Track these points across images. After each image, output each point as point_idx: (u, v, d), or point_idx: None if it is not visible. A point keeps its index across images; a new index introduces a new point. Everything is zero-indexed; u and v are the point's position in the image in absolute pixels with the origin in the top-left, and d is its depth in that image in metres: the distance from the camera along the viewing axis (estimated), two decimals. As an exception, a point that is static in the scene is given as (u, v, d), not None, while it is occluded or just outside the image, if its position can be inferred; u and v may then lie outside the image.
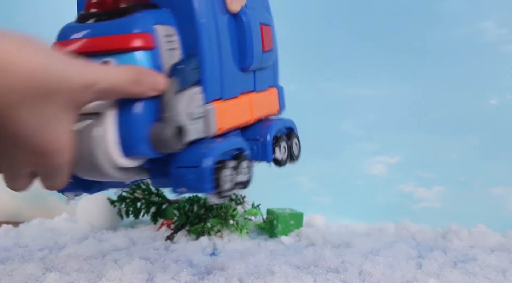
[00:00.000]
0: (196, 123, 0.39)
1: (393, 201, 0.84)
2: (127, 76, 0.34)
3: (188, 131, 0.37)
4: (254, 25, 0.45)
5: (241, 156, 0.42)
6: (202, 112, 0.39)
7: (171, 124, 0.36)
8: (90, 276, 0.46)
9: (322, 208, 0.59)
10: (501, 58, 0.84)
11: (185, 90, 0.38)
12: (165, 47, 0.38)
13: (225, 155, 0.40)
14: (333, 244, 0.62)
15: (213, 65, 0.40)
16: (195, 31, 0.39)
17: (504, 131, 0.84)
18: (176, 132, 0.36)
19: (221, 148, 0.39)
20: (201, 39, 0.39)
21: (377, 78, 0.85)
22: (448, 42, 0.85)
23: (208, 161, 0.38)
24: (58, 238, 0.62)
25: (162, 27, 0.38)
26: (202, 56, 0.39)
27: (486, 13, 0.84)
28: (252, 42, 0.44)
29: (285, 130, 0.49)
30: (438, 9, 0.85)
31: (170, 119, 0.36)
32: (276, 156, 0.46)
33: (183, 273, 0.46)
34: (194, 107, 0.39)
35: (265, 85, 0.48)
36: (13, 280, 0.45)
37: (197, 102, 0.39)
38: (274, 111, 0.50)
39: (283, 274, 0.46)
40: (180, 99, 0.37)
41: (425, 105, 0.84)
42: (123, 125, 0.35)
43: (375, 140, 0.86)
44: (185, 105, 0.38)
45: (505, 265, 0.52)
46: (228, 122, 0.42)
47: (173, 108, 0.36)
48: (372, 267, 0.49)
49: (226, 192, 0.39)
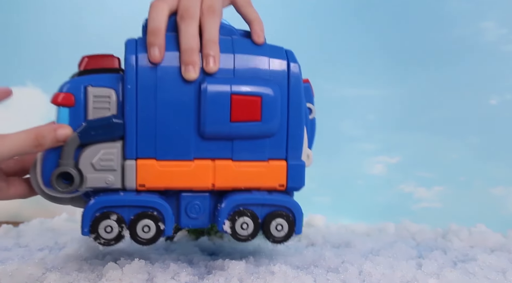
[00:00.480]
0: (102, 173, 0.45)
1: (393, 201, 0.84)
2: (26, 141, 0.42)
3: (86, 179, 0.45)
4: (217, 94, 0.45)
5: (145, 215, 0.45)
6: (111, 165, 0.45)
7: (59, 169, 0.44)
8: (90, 276, 0.46)
9: (322, 208, 0.59)
10: (501, 58, 0.84)
11: (92, 144, 0.45)
12: (92, 105, 0.45)
13: (130, 208, 0.45)
14: (333, 244, 0.62)
15: (136, 128, 0.45)
16: (123, 95, 0.45)
17: (504, 131, 0.84)
18: (63, 177, 0.44)
19: (115, 200, 0.45)
20: (125, 102, 0.45)
21: (377, 78, 0.85)
22: (448, 42, 0.85)
23: (89, 208, 0.45)
24: (58, 238, 0.62)
25: (95, 88, 0.45)
26: (125, 118, 0.45)
27: (486, 13, 0.84)
28: (206, 110, 0.45)
29: (270, 208, 0.48)
30: (438, 9, 0.85)
31: (61, 164, 0.44)
32: (225, 228, 0.47)
33: (183, 273, 0.46)
34: (97, 159, 0.45)
35: (257, 155, 0.47)
36: (13, 280, 0.45)
37: (105, 156, 0.45)
38: (272, 185, 0.48)
39: (283, 274, 0.46)
40: (84, 151, 0.45)
41: (425, 105, 0.84)
42: (40, 165, 0.45)
43: (375, 140, 0.86)
44: (88, 156, 0.45)
45: (505, 265, 0.52)
46: (160, 181, 0.46)
47: (67, 156, 0.44)
48: (372, 267, 0.49)
49: (107, 240, 0.45)
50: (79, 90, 0.45)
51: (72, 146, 0.44)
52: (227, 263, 0.48)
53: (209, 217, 0.48)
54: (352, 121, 0.86)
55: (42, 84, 0.86)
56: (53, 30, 0.87)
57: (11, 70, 0.86)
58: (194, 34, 0.45)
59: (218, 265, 0.49)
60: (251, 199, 0.47)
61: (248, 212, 0.47)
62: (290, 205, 0.48)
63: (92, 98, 0.45)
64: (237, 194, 0.47)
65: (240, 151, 0.47)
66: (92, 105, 0.45)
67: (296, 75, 0.48)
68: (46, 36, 0.87)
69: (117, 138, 0.45)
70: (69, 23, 0.87)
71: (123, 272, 0.45)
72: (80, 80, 0.45)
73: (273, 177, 0.48)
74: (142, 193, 0.46)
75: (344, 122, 0.86)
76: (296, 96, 0.48)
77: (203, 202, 0.48)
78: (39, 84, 0.86)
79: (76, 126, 0.45)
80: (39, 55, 0.87)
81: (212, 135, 0.46)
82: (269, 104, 0.46)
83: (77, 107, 0.45)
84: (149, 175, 0.45)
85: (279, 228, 0.48)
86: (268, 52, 0.48)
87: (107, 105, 0.45)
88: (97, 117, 0.45)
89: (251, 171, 0.47)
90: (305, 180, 0.49)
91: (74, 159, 0.45)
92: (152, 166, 0.45)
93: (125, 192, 0.46)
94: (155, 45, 0.44)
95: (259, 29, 0.49)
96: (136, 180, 0.45)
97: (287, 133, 0.48)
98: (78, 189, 0.45)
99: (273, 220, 0.47)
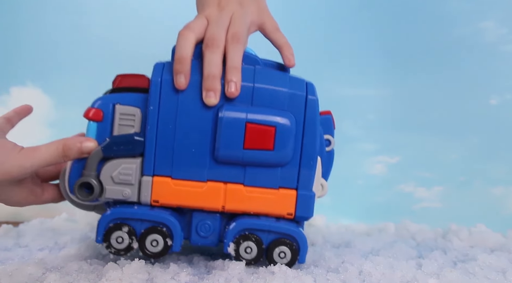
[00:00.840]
0: (120, 186, 0.48)
1: (393, 201, 0.84)
2: (55, 152, 0.46)
3: (105, 190, 0.48)
4: (232, 120, 0.47)
5: (155, 230, 0.48)
6: (130, 180, 0.48)
7: (82, 179, 0.47)
8: (90, 276, 0.46)
9: (322, 208, 0.59)
10: (501, 58, 0.84)
11: (113, 158, 0.48)
12: (118, 122, 0.48)
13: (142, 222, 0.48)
14: (333, 244, 0.62)
15: (155, 147, 0.47)
16: (146, 115, 0.48)
17: (504, 131, 0.84)
18: (85, 186, 0.48)
19: (129, 213, 0.48)
20: (147, 122, 0.47)
21: (377, 78, 0.85)
22: (448, 42, 0.85)
23: (104, 218, 0.47)
24: (58, 238, 0.62)
25: (122, 106, 0.48)
26: (146, 137, 0.48)
27: (486, 13, 0.84)
28: (220, 135, 0.47)
29: (275, 235, 0.49)
30: (438, 9, 0.85)
31: (84, 175, 0.48)
32: (229, 250, 0.49)
33: (183, 273, 0.46)
34: (117, 173, 0.48)
35: (268, 183, 0.49)
36: (13, 280, 0.45)
37: (124, 170, 0.48)
38: (281, 212, 0.49)
39: (283, 274, 0.46)
40: (106, 164, 0.48)
41: (425, 105, 0.84)
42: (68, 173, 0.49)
43: (375, 140, 0.86)
44: (109, 169, 0.48)
45: (505, 265, 0.52)
46: (173, 199, 0.48)
47: (90, 168, 0.47)
48: (372, 267, 0.49)
49: (117, 250, 0.48)
50: (108, 107, 0.48)
51: (96, 159, 0.48)
52: (227, 263, 0.48)
53: (218, 237, 0.50)
54: (352, 121, 0.86)
55: (42, 84, 0.86)
56: (53, 30, 0.87)
57: (11, 70, 0.86)
58: (217, 62, 0.47)
59: (218, 265, 0.49)
60: (258, 224, 0.49)
61: (253, 237, 0.49)
62: (295, 234, 0.49)
63: (119, 115, 0.48)
64: (245, 218, 0.49)
65: (251, 177, 0.49)
66: (118, 122, 0.48)
67: (313, 108, 0.49)
68: (46, 36, 0.87)
69: (137, 154, 0.48)
70: (69, 23, 0.87)
71: (123, 272, 0.45)
72: (110, 98, 0.48)
73: (282, 205, 0.49)
74: (155, 209, 0.48)
75: (344, 122, 0.86)
76: (311, 128, 0.49)
77: (213, 222, 0.50)
78: (39, 84, 0.86)
79: (102, 139, 0.48)
80: (39, 55, 0.87)
81: (225, 159, 0.48)
82: (283, 134, 0.48)
83: (105, 122, 0.48)
84: (163, 192, 0.48)
85: (282, 255, 0.49)
86: (288, 84, 0.49)
87: (132, 122, 0.48)
88: (121, 133, 0.48)
89: (261, 197, 0.49)
90: (313, 211, 0.50)
91: (96, 171, 0.48)
92: (167, 184, 0.48)
93: (139, 206, 0.48)
94: (181, 72, 0.47)
95: (289, 53, 0.52)
96: (151, 195, 0.48)
97: (299, 163, 0.49)
98: (98, 199, 0.48)
99: (277, 247, 0.49)
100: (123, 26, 0.87)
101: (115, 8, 0.88)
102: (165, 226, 0.48)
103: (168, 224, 0.48)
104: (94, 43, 0.87)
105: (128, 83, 0.49)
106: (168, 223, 0.48)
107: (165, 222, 0.48)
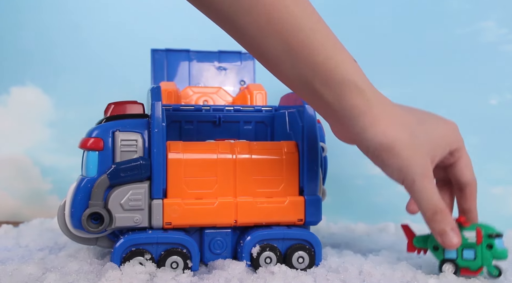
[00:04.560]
0: (131, 213, 0.47)
1: (393, 201, 0.84)
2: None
3: (115, 218, 0.47)
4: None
5: (174, 252, 0.47)
6: (140, 205, 0.47)
7: (91, 210, 0.46)
8: (90, 276, 0.46)
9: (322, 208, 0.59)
10: (501, 58, 0.84)
11: (120, 185, 0.47)
12: (120, 148, 0.47)
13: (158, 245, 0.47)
14: (333, 244, 0.62)
15: (162, 168, 0.48)
16: (149, 138, 0.48)
17: (504, 131, 0.84)
18: (92, 217, 0.47)
19: (144, 238, 0.47)
20: (152, 145, 0.48)
21: (377, 78, 0.85)
22: (448, 42, 0.85)
23: (119, 246, 0.46)
24: (58, 238, 0.62)
25: (122, 133, 0.48)
26: (152, 159, 0.47)
27: (486, 13, 0.84)
28: None
29: (290, 241, 0.50)
30: (438, 9, 0.85)
31: (92, 205, 0.46)
32: (249, 263, 0.49)
33: (183, 274, 0.46)
34: (126, 200, 0.47)
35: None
36: (13, 280, 0.44)
37: (133, 196, 0.47)
38: (291, 220, 0.51)
39: (283, 274, 0.46)
40: (113, 192, 0.47)
41: (425, 105, 0.84)
42: (69, 206, 0.47)
43: (375, 140, 0.86)
44: (117, 197, 0.47)
45: (505, 265, 0.52)
46: (185, 219, 0.48)
47: (97, 198, 0.46)
48: (372, 267, 0.49)
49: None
50: (108, 135, 0.48)
51: (102, 187, 0.47)
52: (227, 263, 0.48)
53: (232, 252, 0.51)
54: (352, 121, 0.86)
55: (42, 84, 0.86)
56: (53, 31, 0.87)
57: (11, 70, 0.86)
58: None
59: (218, 265, 0.49)
60: (273, 234, 0.49)
61: (270, 246, 0.49)
62: (310, 238, 0.50)
63: (120, 142, 0.48)
64: (259, 230, 0.50)
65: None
66: (120, 149, 0.48)
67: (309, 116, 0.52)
68: (46, 36, 0.87)
69: (144, 178, 0.48)
70: (69, 23, 0.87)
71: (123, 272, 0.45)
72: (107, 126, 0.48)
73: (292, 212, 0.50)
74: (169, 231, 0.48)
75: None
76: (312, 131, 0.51)
77: (225, 238, 0.50)
78: (39, 84, 0.86)
79: (105, 168, 0.47)
80: (39, 55, 0.87)
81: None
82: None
83: (106, 150, 0.47)
84: (175, 213, 0.48)
85: (300, 260, 0.50)
86: None
87: (134, 148, 0.48)
88: (124, 159, 0.47)
89: (272, 207, 0.50)
90: (322, 215, 0.52)
91: (103, 200, 0.47)
92: (179, 205, 0.48)
93: (153, 230, 0.48)
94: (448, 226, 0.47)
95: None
96: (162, 218, 0.48)
97: (304, 168, 0.51)
98: (107, 229, 0.47)
99: (295, 252, 0.50)
100: (123, 26, 0.87)
101: (115, 8, 0.88)
102: (185, 248, 0.48)
103: (186, 245, 0.48)
104: (94, 44, 0.87)
105: (122, 110, 0.49)
106: (187, 244, 0.48)
107: (183, 243, 0.48)
